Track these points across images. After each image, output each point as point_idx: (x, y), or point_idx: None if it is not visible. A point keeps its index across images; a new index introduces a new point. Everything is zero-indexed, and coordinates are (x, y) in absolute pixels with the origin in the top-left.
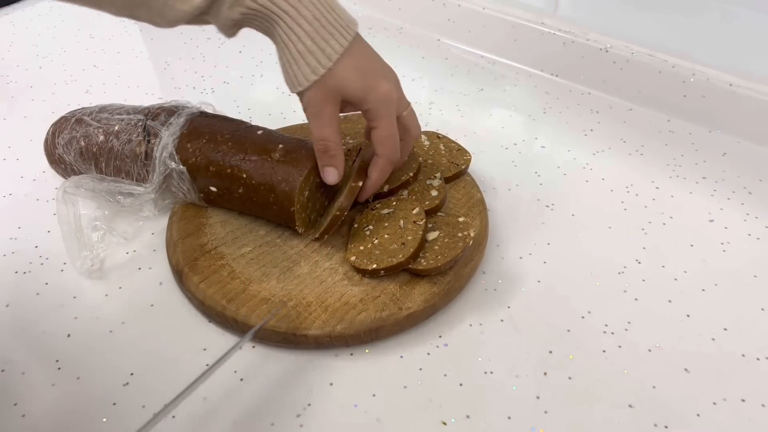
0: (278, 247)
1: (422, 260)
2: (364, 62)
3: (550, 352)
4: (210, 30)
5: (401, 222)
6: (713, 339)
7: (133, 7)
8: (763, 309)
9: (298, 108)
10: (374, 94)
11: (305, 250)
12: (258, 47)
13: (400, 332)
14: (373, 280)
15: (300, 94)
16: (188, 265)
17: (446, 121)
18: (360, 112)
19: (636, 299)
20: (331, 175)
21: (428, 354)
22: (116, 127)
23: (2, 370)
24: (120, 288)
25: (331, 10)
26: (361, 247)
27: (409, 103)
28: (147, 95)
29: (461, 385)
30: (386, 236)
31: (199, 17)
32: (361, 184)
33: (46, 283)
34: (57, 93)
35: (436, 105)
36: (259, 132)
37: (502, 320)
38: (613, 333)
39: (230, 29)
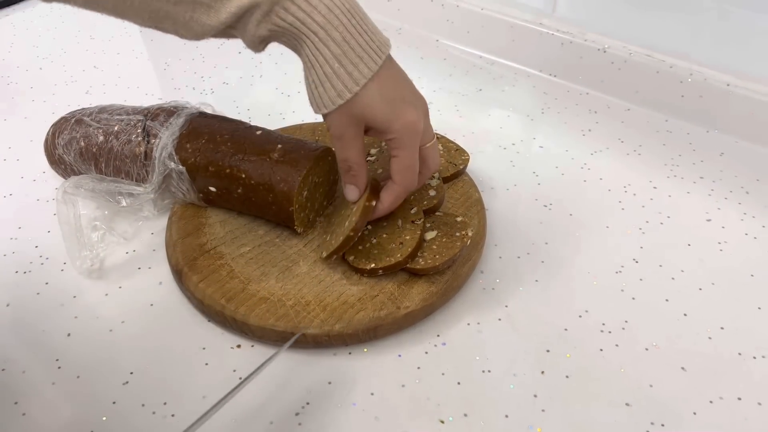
0: (277, 246)
1: (420, 260)
2: (392, 89)
3: (548, 350)
4: None
5: (399, 221)
6: (710, 338)
7: (159, 19)
8: (759, 308)
9: (297, 108)
10: (399, 123)
11: (304, 249)
12: None
13: (399, 331)
14: (371, 280)
15: (324, 115)
16: (187, 265)
17: (445, 121)
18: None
19: (633, 298)
20: (352, 193)
21: (426, 353)
22: (116, 128)
23: (3, 369)
24: (120, 287)
25: (362, 32)
26: (360, 247)
27: (433, 136)
28: (147, 96)
29: (459, 383)
30: (384, 236)
31: (225, 31)
32: (374, 203)
33: (47, 283)
34: (57, 94)
35: (435, 105)
36: (258, 132)
37: (499, 319)
38: (610, 332)
39: (258, 45)
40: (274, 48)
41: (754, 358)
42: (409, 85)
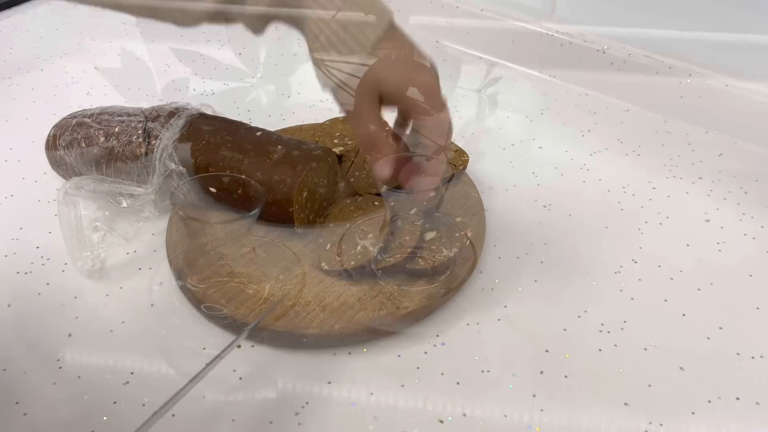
0: (277, 247)
1: (420, 260)
2: (402, 52)
3: (547, 350)
4: (210, 32)
5: (399, 222)
6: (708, 338)
7: (153, 7)
8: (758, 308)
9: (297, 110)
10: (414, 86)
11: (304, 249)
12: (257, 49)
13: (398, 331)
14: (371, 280)
15: (335, 93)
16: (188, 265)
17: None
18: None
19: (632, 298)
20: (382, 170)
21: (425, 353)
22: (117, 129)
23: (4, 369)
24: (120, 288)
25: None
26: None
27: (445, 104)
28: (147, 97)
29: (458, 383)
30: None
31: (221, 14)
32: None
33: (48, 283)
34: (58, 95)
35: None
36: (258, 133)
37: (498, 319)
38: (609, 332)
39: (257, 23)
40: (275, 48)
41: (753, 358)
42: (418, 49)
